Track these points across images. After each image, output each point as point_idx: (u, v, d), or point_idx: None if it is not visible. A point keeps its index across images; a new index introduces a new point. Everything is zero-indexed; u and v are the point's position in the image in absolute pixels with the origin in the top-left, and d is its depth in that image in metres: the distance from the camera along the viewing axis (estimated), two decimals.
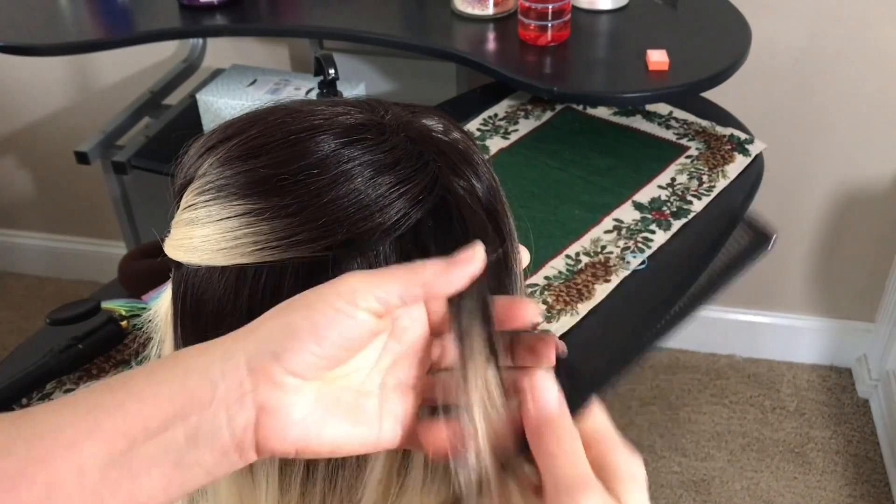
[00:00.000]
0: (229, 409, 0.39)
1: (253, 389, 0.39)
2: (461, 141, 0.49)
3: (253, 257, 0.44)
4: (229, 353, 0.39)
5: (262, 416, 0.39)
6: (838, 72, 1.77)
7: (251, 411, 0.39)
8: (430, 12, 1.59)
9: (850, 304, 2.08)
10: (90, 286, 2.31)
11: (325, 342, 0.39)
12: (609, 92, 1.41)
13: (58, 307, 1.08)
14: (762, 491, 1.90)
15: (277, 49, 1.99)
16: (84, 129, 1.88)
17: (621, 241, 1.22)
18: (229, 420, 0.39)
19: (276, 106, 0.50)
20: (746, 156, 1.38)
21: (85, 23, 1.65)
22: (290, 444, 0.40)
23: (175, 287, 0.49)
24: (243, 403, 0.39)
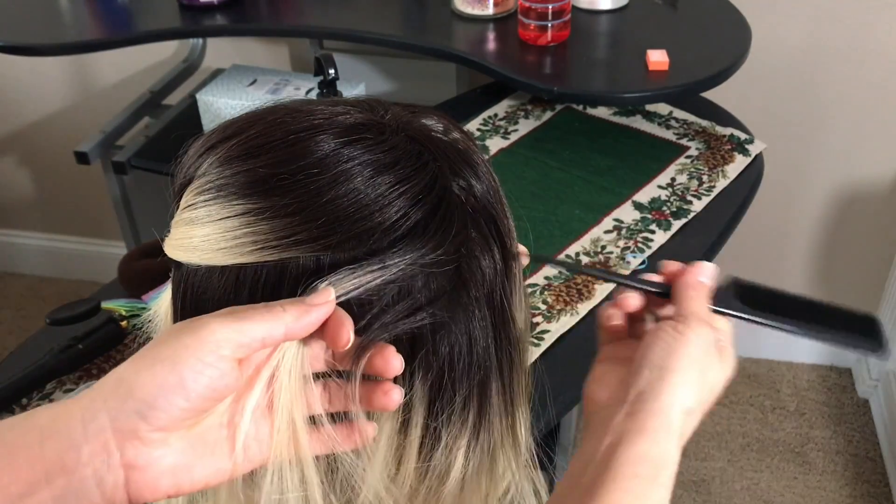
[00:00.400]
0: (97, 472, 0.38)
1: (119, 449, 0.38)
2: (461, 141, 0.49)
3: (253, 257, 0.44)
4: (90, 415, 0.38)
5: (132, 473, 0.39)
6: (838, 72, 1.77)
7: (119, 471, 0.38)
8: (430, 12, 1.59)
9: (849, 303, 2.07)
10: (90, 286, 2.31)
11: (193, 395, 0.39)
12: (609, 92, 1.41)
13: (58, 307, 1.08)
14: (762, 491, 1.90)
15: (277, 49, 1.99)
16: (84, 129, 1.88)
17: (621, 241, 1.22)
18: (98, 482, 0.38)
19: (275, 106, 0.50)
20: (746, 156, 1.38)
21: (85, 23, 1.65)
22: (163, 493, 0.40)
23: (175, 287, 0.49)
24: (110, 465, 0.38)
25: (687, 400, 0.50)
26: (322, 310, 0.42)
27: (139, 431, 0.38)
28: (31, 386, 1.02)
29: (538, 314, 1.10)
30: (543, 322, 1.09)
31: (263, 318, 0.40)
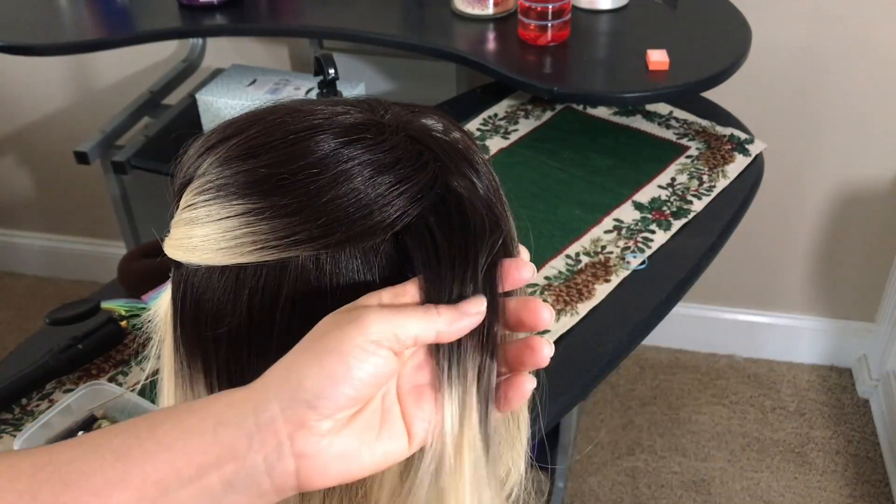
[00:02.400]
0: (267, 459, 0.39)
1: (289, 438, 0.39)
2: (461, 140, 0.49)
3: (252, 257, 0.44)
4: (262, 405, 0.40)
5: (302, 461, 0.40)
6: (838, 72, 1.77)
7: (290, 459, 0.40)
8: (430, 12, 1.59)
9: (850, 304, 2.08)
10: (90, 286, 2.31)
11: (358, 383, 0.40)
12: (609, 92, 1.41)
13: (58, 307, 1.08)
14: (762, 491, 1.90)
15: (277, 49, 1.99)
16: (84, 129, 1.88)
17: (621, 241, 1.22)
18: (269, 469, 0.39)
19: (275, 106, 0.50)
20: (746, 156, 1.38)
21: (85, 23, 1.65)
22: (333, 478, 0.41)
23: (175, 287, 0.49)
24: (281, 453, 0.39)
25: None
26: (474, 319, 0.43)
27: (308, 421, 0.39)
28: (31, 386, 1.02)
29: None
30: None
31: (419, 318, 0.41)
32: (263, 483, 0.40)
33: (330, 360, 0.40)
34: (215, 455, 0.39)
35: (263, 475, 0.39)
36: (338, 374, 0.39)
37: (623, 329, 1.09)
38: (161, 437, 0.39)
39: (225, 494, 0.39)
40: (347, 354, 0.40)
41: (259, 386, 0.41)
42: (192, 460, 0.39)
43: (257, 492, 0.40)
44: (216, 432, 0.39)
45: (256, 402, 0.40)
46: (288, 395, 0.39)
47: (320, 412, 0.39)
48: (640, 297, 1.14)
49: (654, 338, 1.97)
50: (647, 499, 1.89)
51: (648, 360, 2.20)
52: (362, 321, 0.40)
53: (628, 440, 2.01)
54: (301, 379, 0.40)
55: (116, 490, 0.38)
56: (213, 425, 0.39)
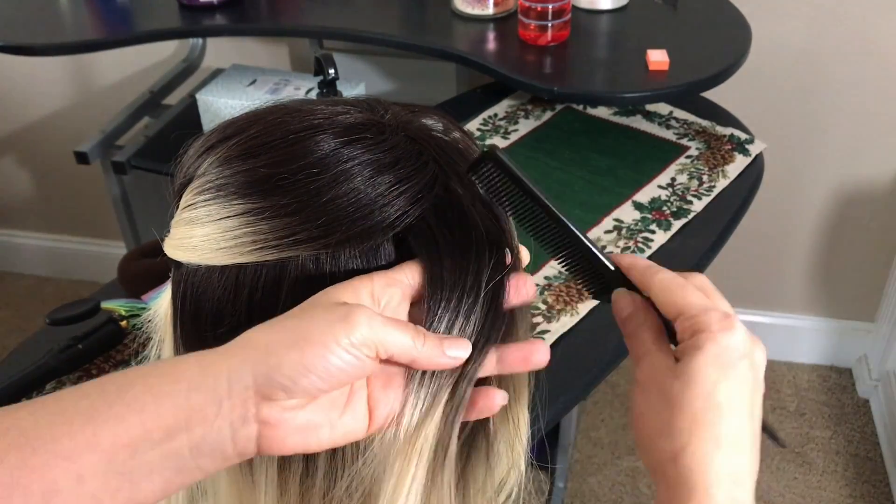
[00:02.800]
0: (233, 425, 0.40)
1: (256, 406, 0.40)
2: (461, 140, 0.49)
3: (252, 256, 0.44)
4: (237, 375, 0.40)
5: (264, 429, 0.41)
6: (838, 72, 1.77)
7: (254, 426, 0.40)
8: (430, 12, 1.59)
9: (850, 304, 2.08)
10: (90, 286, 2.31)
11: (333, 379, 0.41)
12: (609, 92, 1.41)
13: (58, 307, 1.08)
14: (762, 491, 1.90)
15: (277, 49, 1.99)
16: (84, 129, 1.88)
17: (621, 241, 1.22)
18: (233, 434, 0.40)
19: (275, 106, 0.50)
20: (746, 156, 1.38)
21: (85, 23, 1.65)
22: (290, 449, 0.42)
23: (175, 287, 0.49)
24: (246, 420, 0.40)
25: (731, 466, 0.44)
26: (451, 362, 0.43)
27: (278, 398, 0.40)
28: (31, 386, 1.02)
29: (538, 314, 1.10)
30: (543, 322, 1.09)
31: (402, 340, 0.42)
32: (227, 448, 0.40)
33: (311, 352, 0.40)
34: (185, 418, 0.39)
35: (228, 440, 0.40)
36: (316, 366, 0.40)
37: None
38: (130, 399, 0.40)
39: (192, 457, 0.40)
40: (329, 351, 0.40)
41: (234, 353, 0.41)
42: (163, 423, 0.39)
43: (221, 456, 0.40)
44: (189, 396, 0.40)
45: (231, 371, 0.40)
46: (264, 372, 0.40)
47: (290, 395, 0.40)
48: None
49: None
50: (647, 499, 1.89)
51: None
52: (351, 322, 0.41)
53: (628, 440, 2.01)
54: (280, 363, 0.40)
55: (87, 452, 0.38)
56: (186, 390, 0.40)
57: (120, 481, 0.39)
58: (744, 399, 0.45)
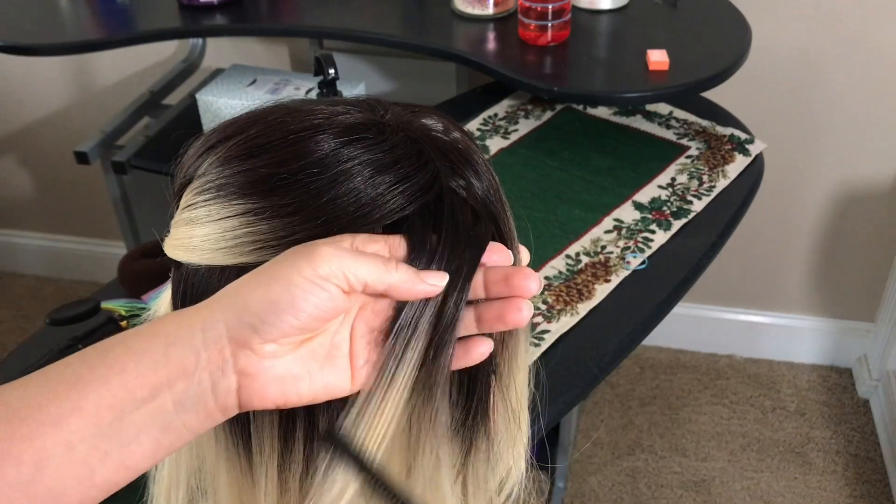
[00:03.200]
0: (213, 376, 0.40)
1: (233, 357, 0.41)
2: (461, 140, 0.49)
3: (252, 256, 0.44)
4: (209, 323, 0.41)
5: (244, 380, 0.41)
6: (838, 72, 1.77)
7: (232, 377, 0.41)
8: (430, 12, 1.59)
9: (850, 304, 2.08)
10: (90, 286, 2.31)
11: (302, 314, 0.41)
12: (609, 92, 1.41)
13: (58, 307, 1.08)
14: (762, 491, 1.90)
15: (277, 49, 1.99)
16: (84, 129, 1.88)
17: (621, 241, 1.22)
18: (213, 385, 0.40)
19: (275, 105, 0.50)
20: (746, 156, 1.38)
21: (85, 23, 1.65)
22: (271, 401, 0.42)
23: (175, 287, 0.49)
24: (225, 370, 0.40)
25: None
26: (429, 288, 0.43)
27: (251, 342, 0.41)
28: None
29: (538, 314, 1.10)
30: (543, 322, 1.09)
31: (373, 265, 0.42)
32: (209, 401, 0.41)
33: (276, 287, 0.40)
34: (166, 374, 0.40)
35: (209, 392, 0.40)
36: (282, 302, 0.40)
37: (623, 329, 1.09)
38: (112, 361, 0.40)
39: (177, 413, 0.40)
40: (293, 285, 0.40)
41: (207, 305, 0.42)
42: (145, 381, 0.40)
43: (205, 410, 0.41)
44: (167, 352, 0.40)
45: (204, 320, 0.41)
46: (234, 315, 0.40)
47: (263, 336, 0.40)
48: (640, 297, 1.14)
49: (654, 338, 1.97)
50: (647, 499, 1.89)
51: (648, 360, 2.20)
52: (314, 255, 0.41)
53: (628, 440, 2.01)
54: (247, 302, 0.40)
55: (73, 417, 0.39)
56: (164, 345, 0.40)
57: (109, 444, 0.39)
58: None
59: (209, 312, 0.41)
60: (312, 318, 0.41)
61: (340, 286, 0.41)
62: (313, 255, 0.41)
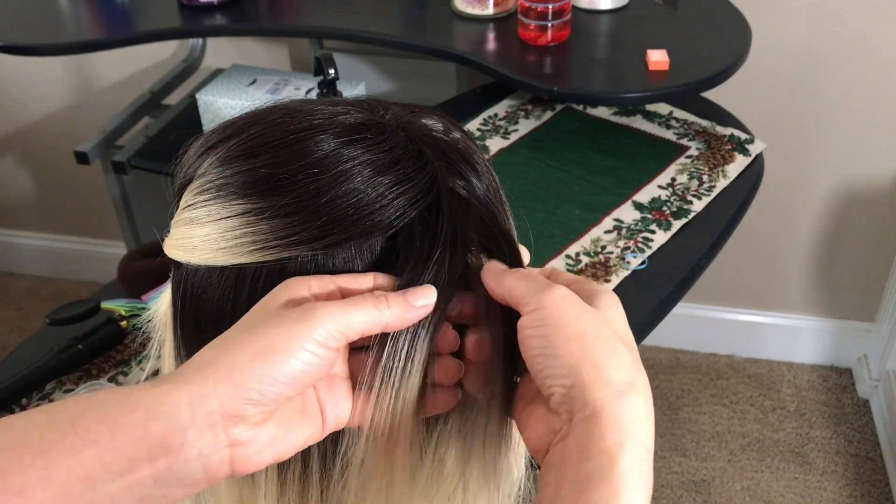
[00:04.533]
0: (203, 451, 0.38)
1: (225, 430, 0.39)
2: (461, 141, 0.49)
3: (252, 257, 0.44)
4: (199, 398, 0.39)
5: (236, 450, 0.40)
6: (838, 72, 1.77)
7: (226, 451, 0.39)
8: (430, 12, 1.59)
9: (850, 304, 2.08)
10: (90, 286, 2.31)
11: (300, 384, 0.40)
12: (609, 92, 1.41)
13: (58, 307, 1.08)
14: (762, 491, 1.90)
15: (277, 49, 1.99)
16: (84, 129, 1.88)
17: (621, 241, 1.22)
18: (204, 461, 0.39)
19: (275, 106, 0.50)
20: (746, 156, 1.38)
21: (85, 23, 1.65)
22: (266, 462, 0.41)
23: (175, 287, 0.49)
24: (216, 445, 0.39)
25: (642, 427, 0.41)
26: (423, 311, 0.43)
27: (245, 415, 0.39)
28: (31, 386, 1.02)
29: None
30: None
31: (367, 310, 0.42)
32: (198, 475, 0.39)
33: (275, 360, 0.39)
34: (146, 450, 0.38)
35: (198, 469, 0.39)
36: (282, 375, 0.39)
37: None
38: (84, 431, 0.38)
39: (157, 487, 0.38)
40: (294, 357, 0.40)
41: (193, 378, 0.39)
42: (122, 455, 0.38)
43: (192, 482, 0.39)
44: (147, 427, 0.38)
45: (192, 396, 0.39)
46: (230, 391, 0.39)
47: (260, 407, 0.39)
48: (640, 297, 1.14)
49: (654, 338, 1.97)
50: None
51: (648, 360, 2.20)
52: (310, 320, 0.40)
53: None
54: (244, 378, 0.39)
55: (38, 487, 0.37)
56: (144, 419, 0.38)
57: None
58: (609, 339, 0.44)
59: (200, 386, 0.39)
60: (306, 385, 0.41)
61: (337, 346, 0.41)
62: (309, 319, 0.40)
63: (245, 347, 0.40)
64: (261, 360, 0.39)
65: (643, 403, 0.41)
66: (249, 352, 0.40)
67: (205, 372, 0.39)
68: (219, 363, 0.40)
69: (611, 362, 0.41)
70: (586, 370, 0.41)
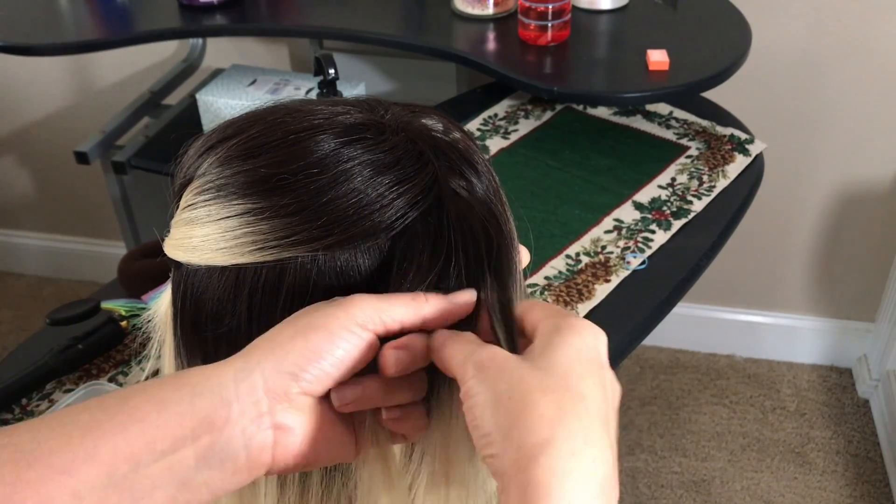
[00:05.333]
0: (246, 430, 0.39)
1: (269, 410, 0.39)
2: (461, 141, 0.49)
3: (252, 257, 0.44)
4: (244, 373, 0.39)
5: (279, 435, 0.40)
6: (838, 72, 1.77)
7: (268, 431, 0.39)
8: (430, 12, 1.59)
9: (850, 304, 2.08)
10: (90, 286, 2.31)
11: (340, 362, 0.40)
12: (609, 92, 1.41)
13: (58, 307, 1.08)
14: (762, 491, 1.90)
15: (277, 49, 1.99)
16: (84, 129, 1.88)
17: (621, 241, 1.22)
18: (246, 441, 0.39)
19: (275, 106, 0.50)
20: (746, 156, 1.38)
21: (85, 23, 1.65)
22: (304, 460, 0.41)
23: (175, 287, 0.49)
24: (261, 424, 0.39)
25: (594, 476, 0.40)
26: (462, 309, 0.43)
27: (290, 392, 0.39)
28: (31, 386, 1.02)
29: None
30: None
31: (406, 304, 0.42)
32: (239, 457, 0.39)
33: (315, 336, 0.40)
34: (191, 426, 0.38)
35: (240, 448, 0.39)
36: (322, 350, 0.40)
37: (623, 329, 1.09)
38: (132, 409, 0.38)
39: (198, 470, 0.38)
40: (333, 334, 0.40)
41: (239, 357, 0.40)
42: (167, 432, 0.38)
43: (232, 467, 0.39)
44: (193, 402, 0.38)
45: (237, 370, 0.39)
46: (272, 365, 0.39)
47: (302, 384, 0.40)
48: (640, 297, 1.14)
49: (654, 338, 1.97)
50: (647, 499, 1.89)
51: (648, 360, 2.20)
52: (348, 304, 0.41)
53: (628, 440, 2.01)
54: (286, 352, 0.40)
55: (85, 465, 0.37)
56: (190, 395, 0.38)
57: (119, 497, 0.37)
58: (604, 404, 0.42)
59: (243, 363, 0.40)
60: (348, 366, 0.41)
61: (376, 331, 0.41)
62: (347, 304, 0.41)
63: (286, 327, 0.41)
64: (301, 335, 0.40)
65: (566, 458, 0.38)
66: (290, 330, 0.41)
67: (249, 352, 0.41)
68: (262, 343, 0.41)
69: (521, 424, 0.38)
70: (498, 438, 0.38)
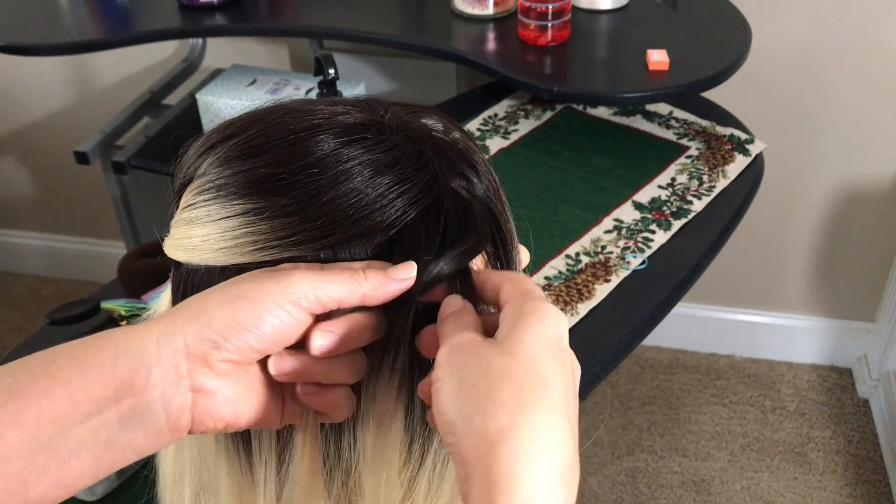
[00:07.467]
0: (165, 393, 0.39)
1: (189, 373, 0.40)
2: (461, 141, 0.49)
3: (252, 257, 0.44)
4: (167, 337, 0.40)
5: (198, 397, 0.40)
6: (838, 72, 1.77)
7: (187, 394, 0.40)
8: (430, 12, 1.59)
9: (850, 304, 2.08)
10: (90, 286, 2.31)
11: (266, 337, 0.40)
12: (609, 92, 1.41)
13: (58, 307, 1.08)
14: (762, 491, 1.90)
15: (277, 49, 1.99)
16: (84, 129, 1.88)
17: (621, 241, 1.22)
18: (165, 403, 0.39)
19: (275, 106, 0.50)
20: (746, 156, 1.38)
21: (85, 23, 1.65)
22: (223, 421, 0.41)
23: (175, 287, 0.49)
24: (179, 387, 0.39)
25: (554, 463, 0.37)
26: (402, 284, 0.43)
27: (210, 358, 0.40)
28: None
29: None
30: None
31: (344, 281, 0.41)
32: (160, 419, 0.39)
33: (243, 308, 0.40)
34: (113, 388, 0.38)
35: (160, 411, 0.39)
36: (247, 322, 0.40)
37: (623, 329, 1.09)
38: (56, 372, 0.39)
39: (122, 431, 0.39)
40: (261, 306, 0.40)
41: (165, 318, 0.40)
42: (91, 394, 0.38)
43: (154, 429, 0.39)
44: (115, 364, 0.39)
45: (160, 334, 0.40)
46: (195, 331, 0.39)
47: (223, 354, 0.40)
48: (640, 297, 1.14)
49: (654, 338, 1.97)
50: (647, 499, 1.89)
51: (648, 360, 2.20)
52: (284, 279, 0.41)
53: (628, 440, 2.01)
54: (210, 319, 0.40)
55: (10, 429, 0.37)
56: (113, 357, 0.39)
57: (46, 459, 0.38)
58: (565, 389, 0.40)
59: (167, 326, 0.40)
60: (273, 342, 0.41)
61: (311, 309, 0.41)
62: (283, 279, 0.40)
63: (215, 294, 0.41)
64: (229, 304, 0.40)
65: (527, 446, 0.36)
66: (219, 297, 0.40)
67: (174, 313, 0.41)
68: (190, 306, 0.41)
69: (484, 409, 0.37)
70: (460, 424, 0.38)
